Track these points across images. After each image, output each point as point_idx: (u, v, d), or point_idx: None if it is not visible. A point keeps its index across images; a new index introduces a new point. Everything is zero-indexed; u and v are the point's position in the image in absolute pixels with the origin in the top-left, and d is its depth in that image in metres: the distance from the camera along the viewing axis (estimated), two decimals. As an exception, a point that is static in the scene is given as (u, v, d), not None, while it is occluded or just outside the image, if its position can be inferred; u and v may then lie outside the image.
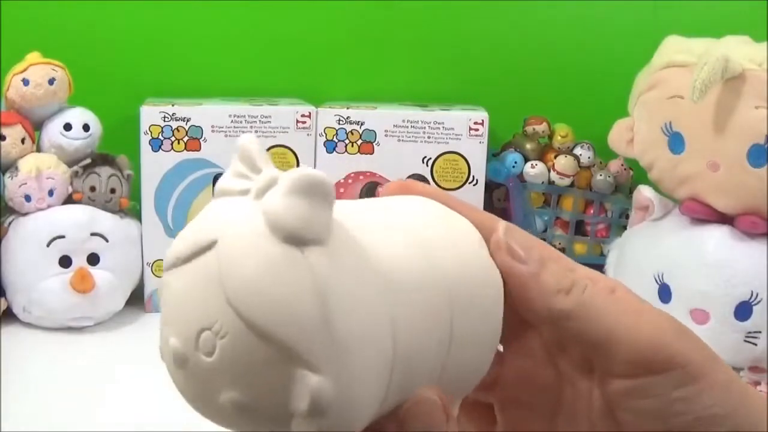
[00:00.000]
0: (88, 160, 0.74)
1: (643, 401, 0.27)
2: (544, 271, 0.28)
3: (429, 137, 0.78)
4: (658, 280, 0.69)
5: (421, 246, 0.26)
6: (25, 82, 0.73)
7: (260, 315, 0.22)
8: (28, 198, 0.72)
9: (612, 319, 0.28)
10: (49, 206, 0.73)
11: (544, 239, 0.83)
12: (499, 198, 0.87)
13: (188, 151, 0.76)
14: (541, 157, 0.83)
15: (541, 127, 0.83)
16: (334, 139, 0.78)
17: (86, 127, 0.75)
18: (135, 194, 0.77)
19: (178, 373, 0.24)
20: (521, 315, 0.28)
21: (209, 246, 0.23)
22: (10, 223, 0.74)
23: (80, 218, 0.73)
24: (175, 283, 0.24)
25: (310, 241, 0.23)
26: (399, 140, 0.78)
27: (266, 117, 0.77)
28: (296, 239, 0.22)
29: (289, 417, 0.23)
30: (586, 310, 0.28)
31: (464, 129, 0.77)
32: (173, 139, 0.76)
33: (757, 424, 0.28)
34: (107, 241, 0.73)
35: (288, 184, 0.23)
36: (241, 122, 0.76)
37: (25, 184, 0.72)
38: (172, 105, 0.76)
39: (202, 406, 0.25)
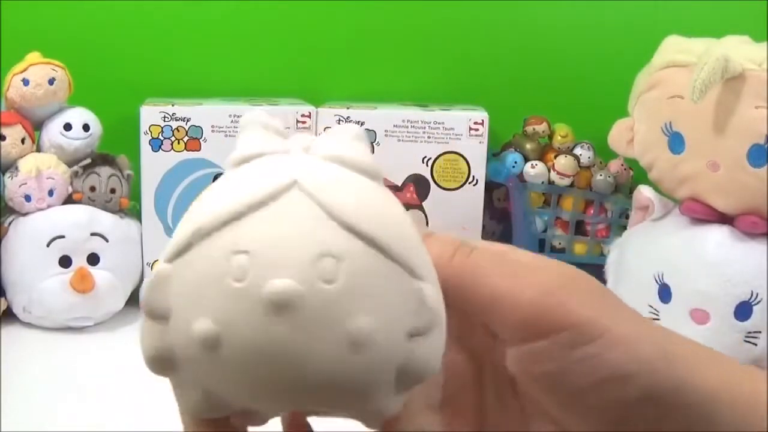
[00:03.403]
0: (88, 160, 0.74)
1: (540, 367, 0.25)
2: (426, 242, 0.26)
3: (429, 137, 0.78)
4: (658, 280, 0.69)
5: None
6: (25, 82, 0.73)
7: (381, 233, 0.24)
8: (28, 198, 0.72)
9: (495, 281, 0.25)
10: (49, 206, 0.73)
11: (544, 239, 0.83)
12: (499, 198, 0.87)
13: (188, 151, 0.76)
14: (541, 157, 0.82)
15: (541, 127, 0.83)
16: (334, 139, 0.78)
17: (86, 127, 0.75)
18: (135, 194, 0.77)
19: (275, 328, 0.22)
20: None
21: (287, 187, 0.24)
22: (10, 223, 0.74)
23: (80, 218, 0.73)
24: (258, 226, 0.23)
25: (378, 177, 0.26)
26: (399, 140, 0.78)
27: (266, 117, 0.76)
28: (371, 175, 0.25)
29: (402, 346, 0.24)
30: (471, 274, 0.26)
31: (464, 129, 0.77)
32: (173, 139, 0.76)
33: (689, 374, 0.25)
34: (107, 241, 0.73)
35: (352, 134, 0.26)
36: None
37: (25, 184, 0.72)
38: (172, 105, 0.76)
39: (307, 356, 0.23)
